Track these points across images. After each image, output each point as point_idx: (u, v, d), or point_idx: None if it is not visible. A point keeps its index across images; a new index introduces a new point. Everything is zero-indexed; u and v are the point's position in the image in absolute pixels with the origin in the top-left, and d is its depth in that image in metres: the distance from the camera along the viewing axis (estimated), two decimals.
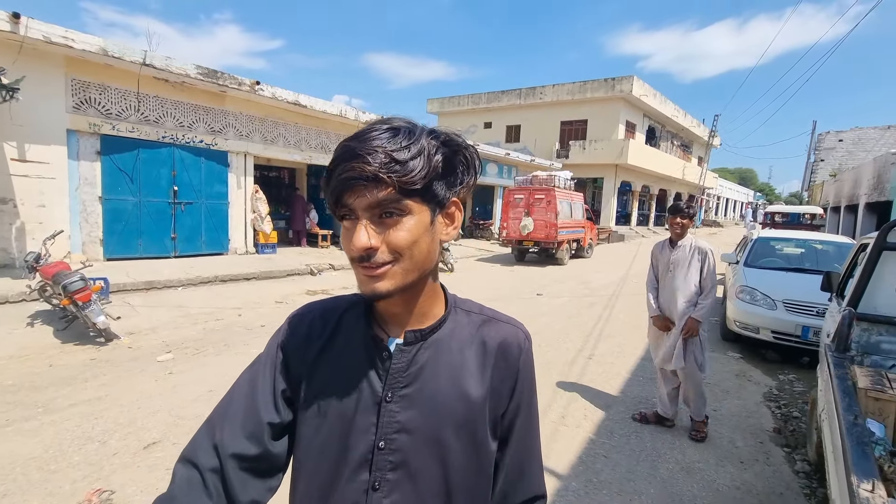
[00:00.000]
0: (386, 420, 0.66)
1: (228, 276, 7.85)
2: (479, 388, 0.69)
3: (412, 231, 0.60)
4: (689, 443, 3.24)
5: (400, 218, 0.59)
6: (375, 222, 0.59)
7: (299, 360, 0.71)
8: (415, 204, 0.60)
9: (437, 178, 0.61)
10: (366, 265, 0.60)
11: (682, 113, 29.11)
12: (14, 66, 6.34)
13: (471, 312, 0.74)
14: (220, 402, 0.70)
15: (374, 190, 0.57)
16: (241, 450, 0.64)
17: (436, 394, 0.67)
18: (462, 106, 28.81)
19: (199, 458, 0.63)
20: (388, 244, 0.59)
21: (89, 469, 2.54)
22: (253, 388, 0.69)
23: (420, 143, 0.59)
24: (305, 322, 0.74)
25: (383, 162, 0.56)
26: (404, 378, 0.67)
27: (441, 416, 0.66)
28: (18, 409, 3.15)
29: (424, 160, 0.59)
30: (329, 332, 0.72)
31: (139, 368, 3.98)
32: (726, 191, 49.04)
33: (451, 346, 0.69)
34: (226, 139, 9.58)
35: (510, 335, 0.73)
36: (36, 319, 5.04)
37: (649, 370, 4.63)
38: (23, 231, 7.06)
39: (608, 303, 7.81)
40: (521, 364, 0.73)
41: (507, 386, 0.71)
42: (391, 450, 0.65)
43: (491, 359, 0.70)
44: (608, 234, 20.59)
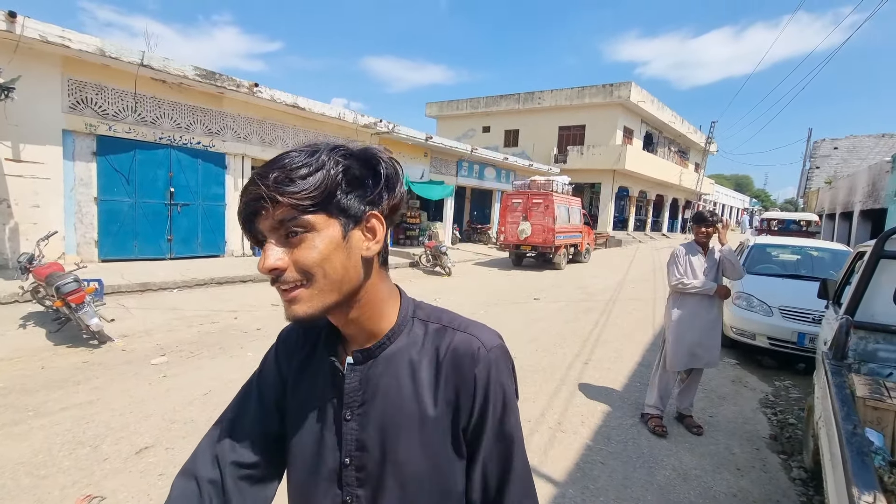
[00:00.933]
0: (348, 438, 0.67)
1: (224, 278, 7.81)
2: (433, 404, 0.66)
3: (318, 248, 0.58)
4: (686, 449, 3.23)
5: (304, 235, 0.58)
6: (282, 243, 0.58)
7: (285, 374, 0.75)
8: (319, 220, 0.58)
9: (341, 191, 0.59)
10: (281, 288, 0.59)
11: (680, 119, 29.28)
12: (10, 65, 6.31)
13: (428, 322, 0.70)
14: (219, 416, 0.74)
15: (272, 210, 0.57)
16: (238, 458, 0.68)
17: (388, 411, 0.66)
18: (461, 110, 28.88)
19: (198, 470, 0.67)
20: (295, 263, 0.58)
21: (80, 474, 2.50)
22: (249, 397, 0.74)
23: (320, 159, 0.59)
24: (291, 337, 0.77)
25: (277, 180, 0.56)
26: (358, 397, 0.67)
27: (396, 434, 0.65)
28: (8, 413, 3.10)
29: (322, 175, 0.58)
30: (308, 348, 0.74)
31: (132, 371, 3.94)
32: (722, 197, 49.27)
33: (403, 361, 0.67)
34: (223, 141, 9.56)
35: (463, 345, 0.66)
36: (28, 321, 4.99)
37: (647, 376, 4.62)
38: (16, 231, 7.01)
39: (605, 308, 7.80)
40: (478, 375, 0.65)
41: (466, 399, 0.65)
42: (356, 466, 0.66)
43: (443, 371, 0.66)
44: (605, 239, 20.64)
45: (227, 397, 3.48)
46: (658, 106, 25.95)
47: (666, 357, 3.51)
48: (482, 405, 0.65)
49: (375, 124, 12.12)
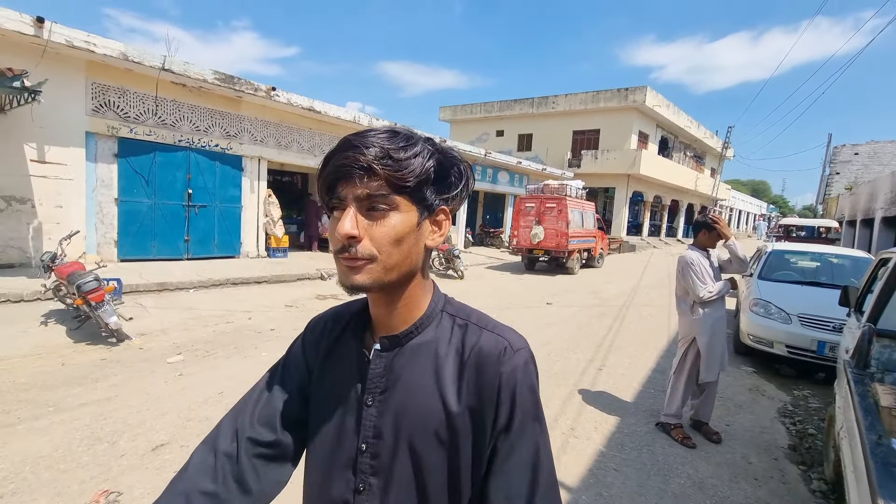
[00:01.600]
0: (366, 423, 0.67)
1: (240, 279, 7.91)
2: (456, 400, 0.64)
3: (396, 228, 0.60)
4: (702, 457, 3.17)
5: (386, 212, 0.60)
6: (363, 213, 0.60)
7: (311, 360, 0.76)
8: (403, 202, 0.61)
9: (428, 182, 0.63)
10: (346, 256, 0.60)
11: (696, 124, 28.92)
12: (37, 69, 6.49)
13: (456, 317, 0.70)
14: (245, 394, 0.76)
15: (366, 180, 0.58)
16: (255, 435, 0.69)
17: (409, 401, 0.66)
18: (474, 114, 28.92)
19: (218, 442, 0.69)
20: (372, 237, 0.60)
21: (97, 469, 2.55)
22: (273, 380, 0.76)
23: (417, 146, 0.62)
24: (319, 325, 0.79)
25: (378, 155, 0.58)
26: (381, 384, 0.67)
27: (414, 425, 0.65)
28: (30, 408, 3.18)
29: (419, 162, 0.61)
30: (335, 335, 0.76)
31: (149, 369, 4.00)
32: (739, 202, 48.48)
33: (429, 353, 0.67)
34: (241, 144, 9.71)
35: (489, 344, 0.66)
36: (50, 318, 5.11)
37: (661, 382, 4.55)
38: (40, 231, 7.19)
39: (619, 313, 7.72)
40: (504, 379, 0.63)
41: (489, 401, 0.63)
42: (371, 454, 0.66)
43: (468, 368, 0.65)
44: (619, 244, 20.44)
45: (241, 396, 3.52)
46: (674, 110, 25.68)
47: (702, 367, 3.40)
48: (509, 409, 0.63)
49: None
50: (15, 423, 2.96)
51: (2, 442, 2.73)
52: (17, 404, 3.21)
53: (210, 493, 0.64)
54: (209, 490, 0.64)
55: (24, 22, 6.35)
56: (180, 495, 0.63)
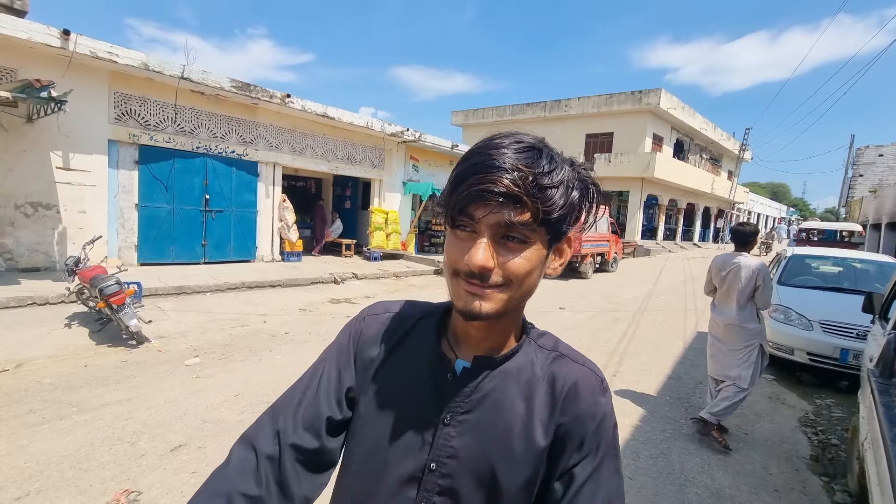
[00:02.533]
0: (441, 442, 0.64)
1: (255, 282, 8.02)
2: (542, 431, 0.63)
3: (531, 261, 0.58)
4: (720, 467, 3.11)
5: (523, 245, 0.57)
6: (496, 242, 0.56)
7: (367, 359, 0.70)
8: (540, 234, 0.58)
9: (570, 214, 0.59)
10: (472, 282, 0.57)
11: (712, 126, 28.53)
12: (63, 79, 6.70)
13: (543, 348, 0.69)
14: (287, 390, 0.71)
15: (509, 210, 0.54)
16: (300, 441, 0.64)
17: (495, 426, 0.63)
18: (486, 118, 28.95)
19: (259, 443, 0.64)
20: (504, 269, 0.57)
21: (118, 469, 2.60)
22: (319, 380, 0.70)
23: (563, 172, 0.57)
24: (380, 322, 0.73)
25: (525, 183, 0.54)
26: (466, 403, 0.64)
27: (496, 450, 0.63)
28: (54, 408, 3.27)
29: (563, 191, 0.56)
30: (399, 336, 0.71)
31: (168, 372, 4.08)
32: (757, 205, 47.59)
33: (520, 380, 0.65)
34: (256, 150, 9.87)
35: (583, 378, 0.66)
36: (73, 321, 5.25)
37: (677, 390, 4.49)
38: (64, 236, 7.40)
39: (633, 319, 7.63)
40: (594, 413, 0.64)
41: (575, 436, 0.63)
42: (441, 473, 0.63)
43: (560, 401, 0.64)
44: (633, 249, 20.21)
45: (256, 399, 3.57)
46: (689, 112, 25.37)
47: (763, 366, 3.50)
48: (590, 445, 0.63)
49: (402, 133, 12.28)
50: (40, 422, 3.05)
51: (28, 441, 2.82)
52: (42, 404, 3.31)
53: (253, 497, 0.60)
54: (252, 493, 0.61)
55: (52, 35, 6.57)
56: (221, 496, 0.60)
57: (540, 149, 0.58)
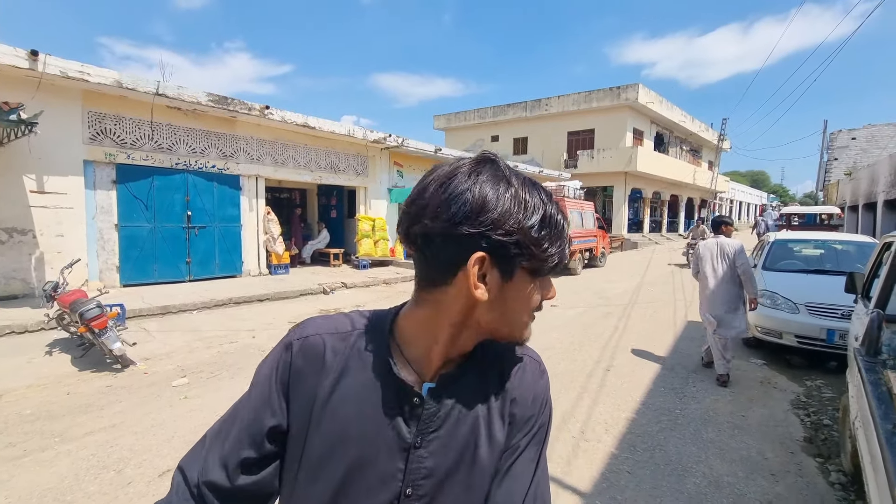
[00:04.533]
0: (414, 466, 0.62)
1: (242, 297, 7.90)
2: (500, 424, 0.67)
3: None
4: (716, 455, 3.12)
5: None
6: None
7: (305, 394, 0.64)
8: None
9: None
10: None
11: (690, 118, 28.99)
12: (33, 101, 6.55)
13: (484, 344, 0.68)
14: (218, 420, 0.68)
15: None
16: (214, 478, 0.62)
17: (462, 435, 0.64)
18: (468, 121, 29.05)
19: (189, 471, 0.64)
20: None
21: (104, 499, 2.52)
22: (239, 418, 0.65)
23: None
24: (313, 349, 0.65)
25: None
26: (434, 423, 0.63)
27: (467, 457, 0.64)
28: (36, 439, 3.16)
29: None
30: (342, 363, 0.65)
31: (154, 394, 3.98)
32: (739, 194, 48.41)
33: (476, 387, 0.67)
34: (237, 163, 9.75)
35: (526, 365, 0.71)
36: (54, 348, 5.10)
37: (671, 381, 4.51)
38: (42, 261, 7.21)
39: (624, 312, 7.67)
40: (536, 395, 0.70)
41: (521, 418, 0.68)
42: (418, 496, 0.62)
43: (508, 393, 0.69)
44: (621, 242, 20.40)
45: None
46: (667, 106, 25.75)
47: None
48: (542, 424, 0.70)
49: (385, 139, 12.24)
50: (21, 455, 2.94)
51: (9, 475, 2.71)
52: (23, 436, 3.19)
53: None
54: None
55: (19, 56, 6.42)
56: None
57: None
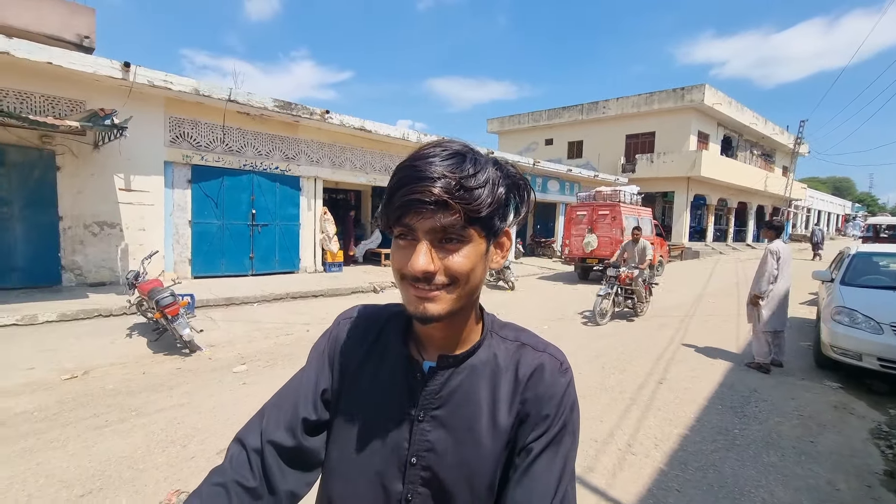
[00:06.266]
0: (418, 438, 0.68)
1: (298, 293, 8.30)
2: (507, 411, 0.68)
3: (470, 258, 0.61)
4: (778, 481, 2.90)
5: (460, 245, 0.60)
6: (435, 246, 0.60)
7: (344, 365, 0.74)
8: (475, 232, 0.61)
9: (499, 209, 0.62)
10: (419, 286, 0.61)
11: (762, 120, 27.04)
12: (124, 107, 7.26)
13: (506, 339, 0.73)
14: (274, 394, 0.75)
15: (439, 215, 0.57)
16: (278, 439, 0.68)
17: (464, 417, 0.67)
18: (522, 124, 28.79)
19: (247, 439, 0.69)
20: (447, 269, 0.60)
21: (170, 471, 2.75)
22: (298, 383, 0.74)
23: (487, 172, 0.61)
24: (352, 326, 0.77)
25: (451, 188, 0.57)
26: (436, 400, 0.68)
27: (468, 438, 0.67)
28: (115, 412, 3.50)
29: (489, 190, 0.60)
30: (372, 339, 0.75)
31: (217, 379, 4.28)
32: (818, 202, 44.43)
33: (485, 372, 0.69)
34: (298, 165, 10.27)
35: (544, 363, 0.70)
36: (134, 331, 5.62)
37: (730, 398, 4.24)
38: (126, 252, 7.96)
39: (681, 324, 7.29)
40: (554, 392, 0.68)
41: (536, 413, 0.67)
42: (422, 466, 0.67)
43: (522, 384, 0.68)
44: (681, 251, 19.37)
45: None
46: (737, 107, 24.19)
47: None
48: (562, 425, 0.67)
49: None
50: (103, 425, 3.27)
51: (92, 442, 3.03)
52: (105, 408, 3.55)
53: (249, 488, 0.64)
54: (248, 485, 0.64)
55: (114, 67, 7.15)
56: (220, 486, 0.64)
57: (464, 154, 0.61)
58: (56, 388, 3.92)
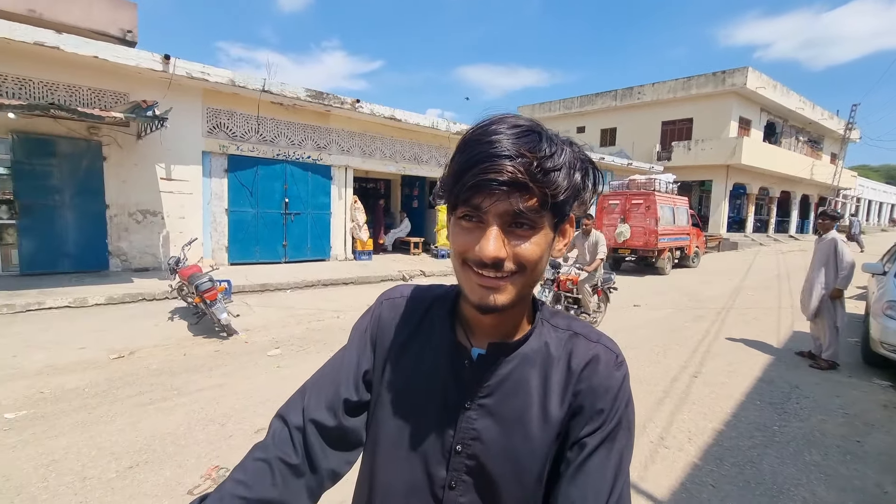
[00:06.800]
0: (464, 426, 0.66)
1: (329, 280, 8.47)
2: (559, 402, 0.64)
3: (541, 245, 0.58)
4: (821, 481, 2.78)
5: (532, 231, 0.57)
6: (505, 230, 0.56)
7: (386, 344, 0.73)
8: (547, 218, 0.58)
9: (574, 195, 0.59)
10: (484, 273, 0.57)
11: (810, 104, 25.55)
12: (164, 99, 7.51)
13: (558, 328, 0.70)
14: (316, 371, 0.75)
15: (516, 197, 0.54)
16: (319, 418, 0.68)
17: (513, 407, 0.65)
18: (553, 111, 28.22)
19: (289, 416, 0.69)
20: (516, 256, 0.57)
21: (210, 447, 2.88)
22: (340, 363, 0.74)
23: (565, 153, 0.57)
24: (395, 307, 0.75)
25: (531, 169, 0.53)
26: (485, 388, 0.66)
27: (516, 430, 0.64)
28: (159, 390, 3.68)
29: (566, 173, 0.56)
30: (416, 322, 0.73)
31: (252, 361, 4.44)
32: (868, 191, 41.80)
33: (536, 361, 0.67)
34: (329, 154, 10.41)
35: (599, 355, 0.66)
36: (175, 314, 5.87)
37: (769, 394, 4.09)
38: (167, 239, 8.31)
39: (718, 317, 7.05)
40: (609, 386, 0.64)
41: (590, 407, 0.63)
42: (467, 454, 0.65)
43: (575, 375, 0.65)
44: (718, 242, 18.66)
45: None
46: (782, 91, 22.93)
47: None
48: (617, 421, 0.63)
49: None
50: (147, 403, 3.45)
51: (138, 418, 3.20)
52: (149, 387, 3.74)
53: (292, 465, 0.64)
54: (291, 461, 0.64)
55: (155, 60, 7.40)
56: (263, 462, 0.64)
57: (539, 132, 0.57)
58: (105, 366, 4.15)
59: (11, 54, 6.57)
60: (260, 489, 0.62)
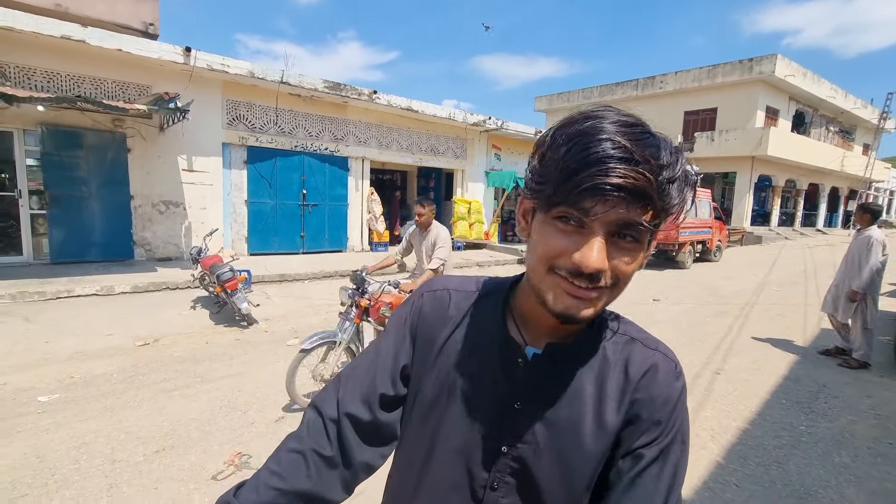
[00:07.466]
0: (512, 427, 0.63)
1: (346, 271, 8.52)
2: (615, 409, 0.62)
3: (639, 262, 0.54)
4: (850, 483, 2.70)
5: (636, 244, 0.52)
6: (608, 241, 0.52)
7: (427, 340, 0.70)
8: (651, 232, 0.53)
9: (680, 211, 0.54)
10: (577, 283, 0.53)
11: (842, 93, 24.56)
12: (185, 91, 7.61)
13: (614, 332, 0.67)
14: (352, 362, 0.74)
15: (634, 207, 0.49)
16: (354, 412, 0.67)
17: (566, 412, 0.62)
18: (572, 102, 27.72)
19: (323, 408, 0.68)
20: (615, 270, 0.53)
21: (232, 434, 2.93)
22: (376, 355, 0.71)
23: (681, 163, 0.52)
24: (438, 299, 0.72)
25: (657, 179, 0.49)
26: (539, 391, 0.63)
27: (568, 435, 0.62)
28: (183, 377, 3.77)
29: (679, 187, 0.52)
30: (461, 315, 0.69)
31: (272, 350, 4.50)
32: None
33: (593, 365, 0.64)
34: (346, 146, 10.44)
35: (658, 364, 0.63)
36: (197, 303, 5.99)
37: (796, 393, 3.99)
38: (189, 229, 8.46)
39: (741, 312, 6.89)
40: (669, 396, 0.61)
41: (647, 417, 0.61)
42: (513, 456, 0.63)
43: (633, 383, 0.62)
44: (741, 236, 18.22)
45: None
46: (812, 79, 22.09)
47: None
48: (662, 433, 0.60)
49: (484, 122, 12.21)
50: (172, 389, 3.53)
51: (164, 404, 3.28)
52: (174, 374, 3.83)
53: (326, 457, 0.64)
54: (325, 453, 0.64)
55: (177, 52, 7.50)
56: (298, 454, 0.64)
57: (653, 133, 0.52)
58: (131, 353, 4.26)
59: (39, 48, 6.72)
60: (294, 480, 0.62)
